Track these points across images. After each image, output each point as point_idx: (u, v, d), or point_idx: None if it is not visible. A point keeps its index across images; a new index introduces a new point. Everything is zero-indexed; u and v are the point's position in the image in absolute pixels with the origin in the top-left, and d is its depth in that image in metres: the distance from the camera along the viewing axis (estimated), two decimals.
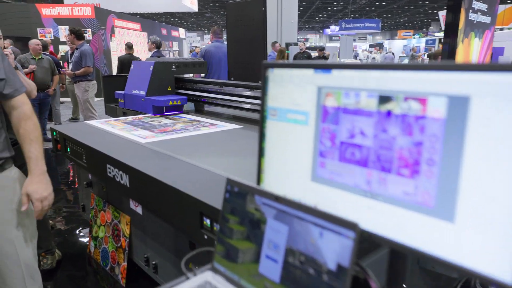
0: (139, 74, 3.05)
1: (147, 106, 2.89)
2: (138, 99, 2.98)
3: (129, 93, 3.11)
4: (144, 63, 3.11)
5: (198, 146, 1.97)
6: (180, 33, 21.11)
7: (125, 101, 3.19)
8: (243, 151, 1.88)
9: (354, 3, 31.31)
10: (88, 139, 2.10)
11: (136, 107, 3.04)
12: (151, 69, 2.95)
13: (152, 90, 2.93)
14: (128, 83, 3.19)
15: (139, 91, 2.97)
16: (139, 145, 1.97)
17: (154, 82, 2.94)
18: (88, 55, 5.18)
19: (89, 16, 11.30)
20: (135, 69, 3.19)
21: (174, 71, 3.12)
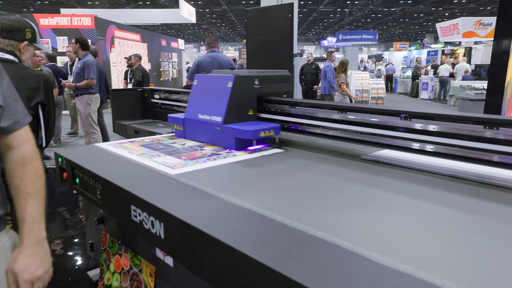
0: (210, 93, 2.26)
1: (225, 137, 2.08)
2: (208, 128, 2.17)
3: (193, 118, 2.29)
4: (216, 77, 2.27)
5: (244, 179, 1.58)
6: (179, 44, 20.85)
7: (185, 129, 2.37)
8: (303, 186, 1.49)
9: (350, 15, 31.41)
10: (103, 169, 1.70)
11: (205, 138, 2.23)
12: (230, 86, 2.14)
13: (231, 115, 2.12)
14: (191, 104, 2.36)
15: (211, 116, 2.17)
16: (169, 178, 1.58)
17: (234, 104, 2.13)
18: (91, 66, 4.81)
19: (89, 26, 10.97)
20: (201, 85, 2.38)
21: (257, 89, 2.28)
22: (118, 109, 3.28)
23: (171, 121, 2.46)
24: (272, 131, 2.07)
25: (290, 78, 2.51)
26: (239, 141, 2.05)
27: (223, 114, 2.10)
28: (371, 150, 1.99)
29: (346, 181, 1.56)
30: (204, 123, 2.20)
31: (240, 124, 2.12)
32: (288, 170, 1.71)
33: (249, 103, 2.24)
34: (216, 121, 2.12)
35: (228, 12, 29.95)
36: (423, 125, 1.68)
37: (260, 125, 2.08)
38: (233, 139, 2.04)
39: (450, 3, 26.20)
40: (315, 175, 1.64)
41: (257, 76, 2.25)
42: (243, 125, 2.09)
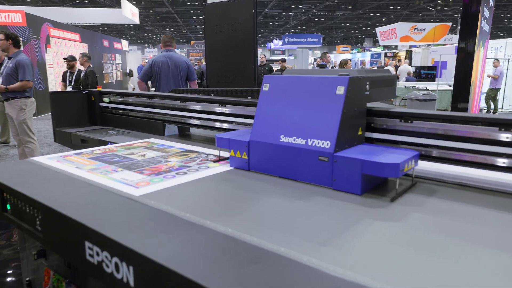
0: (297, 103, 1.54)
1: (339, 173, 1.36)
2: (304, 158, 1.44)
3: (267, 141, 1.55)
4: (311, 79, 1.54)
5: (228, 198, 1.30)
6: (123, 45, 19.85)
7: (251, 158, 1.62)
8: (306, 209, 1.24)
9: (295, 19, 32.08)
10: (44, 192, 1.33)
11: (297, 174, 1.48)
12: (342, 93, 1.43)
13: (344, 138, 1.43)
14: (262, 120, 1.60)
15: (307, 139, 1.44)
16: (133, 201, 1.25)
17: (347, 121, 1.45)
18: (27, 66, 4.22)
19: (20, 23, 9.96)
20: (280, 90, 1.62)
21: (368, 97, 1.60)
22: (59, 114, 2.83)
23: (224, 144, 1.69)
24: (413, 162, 1.39)
25: (394, 81, 1.87)
26: (368, 180, 1.35)
27: (333, 136, 1.38)
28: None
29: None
30: (294, 151, 1.46)
31: (359, 151, 1.41)
32: (270, 188, 1.45)
33: (360, 118, 1.56)
34: (320, 148, 1.39)
35: (173, 14, 29.19)
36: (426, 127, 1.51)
37: (398, 154, 1.37)
38: (358, 177, 1.32)
39: (386, 10, 27.66)
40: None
41: (368, 78, 1.57)
42: (368, 153, 1.38)
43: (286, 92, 1.58)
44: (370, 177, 1.34)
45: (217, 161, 1.77)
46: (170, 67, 4.13)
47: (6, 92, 4.19)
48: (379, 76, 1.69)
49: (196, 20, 33.16)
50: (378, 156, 1.32)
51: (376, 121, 1.63)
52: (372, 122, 1.64)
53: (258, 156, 1.59)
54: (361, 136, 1.58)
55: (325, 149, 1.38)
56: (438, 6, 23.78)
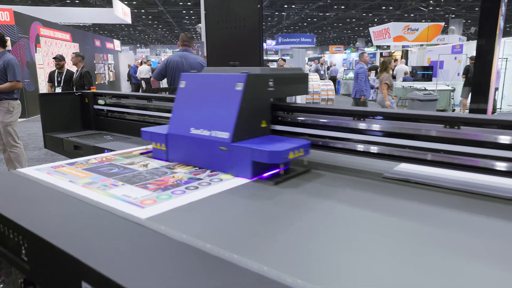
0: (208, 98, 1.67)
1: (235, 161, 1.50)
2: (208, 148, 1.57)
3: (181, 134, 1.67)
4: (217, 77, 1.68)
5: (255, 222, 1.09)
6: (115, 45, 19.52)
7: (169, 149, 1.74)
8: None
9: (287, 19, 31.99)
10: (31, 214, 1.11)
11: (204, 162, 1.61)
12: (240, 89, 1.56)
13: (241, 129, 1.54)
14: (178, 114, 1.74)
15: (212, 131, 1.57)
16: (140, 226, 1.04)
17: (245, 114, 1.56)
18: (16, 66, 4.02)
19: (8, 22, 9.64)
20: (193, 88, 1.75)
21: (272, 92, 1.72)
22: (50, 118, 2.59)
23: (147, 137, 1.82)
24: (302, 151, 1.53)
25: (305, 78, 1.97)
26: (257, 166, 1.47)
27: (231, 128, 1.51)
28: (383, 165, 1.60)
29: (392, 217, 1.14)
30: (201, 142, 1.59)
31: (255, 141, 1.54)
32: (304, 201, 1.25)
33: (262, 112, 1.68)
34: (220, 139, 1.53)
35: (165, 14, 28.91)
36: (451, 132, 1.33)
37: (286, 143, 1.52)
38: (249, 164, 1.45)
39: (379, 10, 27.70)
40: (344, 209, 1.20)
41: (271, 75, 1.70)
42: (261, 142, 1.52)
43: (198, 89, 1.73)
44: (264, 164, 1.46)
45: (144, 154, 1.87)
46: (185, 67, 3.95)
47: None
48: (286, 73, 1.84)
49: (188, 20, 32.90)
50: (266, 145, 1.46)
51: (283, 115, 1.80)
52: (280, 116, 1.80)
53: (175, 148, 1.72)
54: (266, 128, 1.71)
55: (224, 139, 1.52)
56: (430, 6, 23.85)
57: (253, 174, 1.47)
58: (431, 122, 1.42)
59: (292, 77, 1.89)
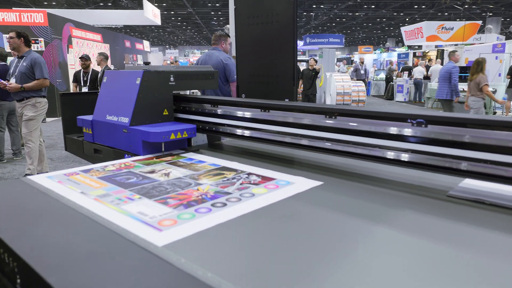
0: (117, 91, 2.02)
1: (132, 141, 1.84)
2: (116, 130, 1.93)
3: (100, 119, 2.04)
4: (125, 73, 2.05)
5: (301, 252, 0.87)
6: (144, 45, 19.77)
7: (94, 133, 2.11)
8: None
9: (316, 19, 31.51)
10: (28, 237, 0.94)
11: (114, 142, 1.98)
12: (138, 82, 1.88)
13: (139, 115, 1.88)
14: (99, 104, 2.10)
15: (118, 117, 1.93)
16: (155, 258, 0.84)
17: (143, 103, 1.89)
18: (43, 64, 4.02)
19: (42, 23, 9.84)
20: (111, 82, 2.12)
21: (173, 86, 2.03)
22: (71, 119, 2.46)
23: (80, 123, 2.20)
24: (186, 133, 1.85)
25: (214, 74, 2.25)
26: (146, 145, 1.81)
27: (130, 114, 1.86)
28: (444, 179, 1.34)
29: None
30: (112, 125, 1.95)
31: (150, 126, 1.88)
32: (357, 227, 1.02)
33: (164, 102, 2.00)
34: (123, 123, 1.88)
35: (194, 15, 29.12)
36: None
37: (172, 126, 1.85)
38: (140, 143, 1.81)
39: (411, 9, 26.78)
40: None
41: (172, 72, 2.01)
42: (153, 126, 1.86)
43: (114, 83, 2.09)
44: (152, 144, 1.81)
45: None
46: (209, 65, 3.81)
47: (21, 91, 3.91)
48: (189, 71, 2.13)
49: (217, 21, 33.04)
50: (154, 128, 1.79)
51: (185, 105, 2.08)
52: (185, 107, 2.08)
53: (97, 131, 2.08)
54: (169, 116, 2.01)
55: (125, 123, 1.86)
56: (466, 4, 22.83)
57: (144, 152, 1.80)
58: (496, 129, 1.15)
59: (197, 73, 2.17)
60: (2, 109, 5.16)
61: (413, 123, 1.32)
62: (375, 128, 1.41)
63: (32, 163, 4.04)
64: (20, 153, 5.57)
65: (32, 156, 4.06)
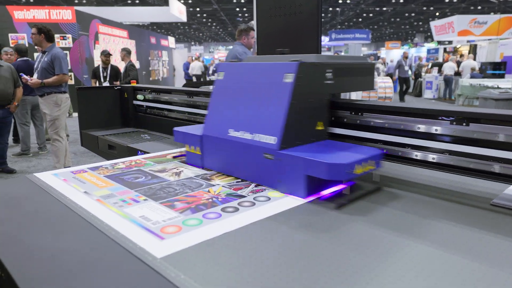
0: (248, 92, 1.35)
1: (285, 174, 1.17)
2: (250, 155, 1.26)
3: (217, 136, 1.37)
4: (260, 66, 1.36)
5: (317, 268, 0.75)
6: (169, 42, 19.92)
7: (205, 154, 1.43)
8: None
9: (342, 15, 30.88)
10: (17, 242, 0.86)
11: (245, 172, 1.30)
12: (290, 80, 1.22)
13: (291, 132, 1.21)
14: (213, 112, 1.43)
15: (254, 134, 1.26)
16: (152, 272, 0.74)
17: (296, 113, 1.23)
18: (63, 59, 3.91)
19: (69, 20, 10.02)
20: (232, 80, 1.43)
21: (329, 86, 1.36)
22: (86, 114, 2.42)
23: (179, 138, 1.54)
24: (372, 163, 1.16)
25: (371, 69, 1.60)
26: (312, 182, 1.13)
27: (279, 131, 1.18)
28: (486, 185, 1.18)
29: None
30: (241, 147, 1.28)
31: (309, 149, 1.20)
32: (380, 240, 0.89)
33: (318, 110, 1.32)
34: (265, 144, 1.21)
35: (219, 11, 29.16)
36: None
37: (351, 152, 1.17)
38: (302, 179, 1.12)
39: (441, 3, 25.79)
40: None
41: (330, 65, 1.34)
42: (317, 151, 1.17)
43: (238, 81, 1.41)
44: (321, 180, 1.11)
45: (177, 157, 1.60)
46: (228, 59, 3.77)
47: (42, 87, 3.91)
48: (348, 63, 1.47)
49: (242, 17, 32.98)
50: (324, 155, 1.13)
51: (346, 115, 1.43)
52: (340, 116, 1.44)
53: (211, 152, 1.42)
54: (322, 131, 1.36)
55: (270, 145, 1.21)
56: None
57: (308, 193, 1.12)
58: None
59: (356, 68, 1.50)
60: (26, 103, 5.23)
61: (451, 121, 1.17)
62: (407, 126, 1.26)
63: (59, 161, 4.03)
64: (45, 147, 5.65)
65: (59, 155, 4.06)
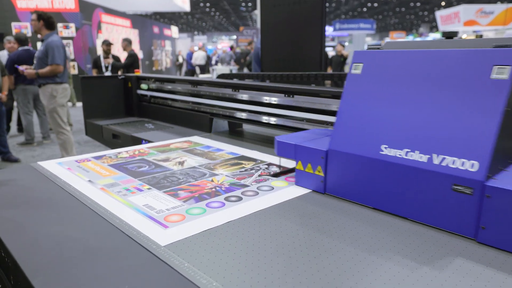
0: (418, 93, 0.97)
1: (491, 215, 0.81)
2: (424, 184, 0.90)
3: (360, 153, 1.01)
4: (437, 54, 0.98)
5: (328, 264, 0.74)
6: (172, 31, 19.81)
7: (328, 175, 1.08)
8: None
9: (346, 4, 30.48)
10: (22, 230, 0.87)
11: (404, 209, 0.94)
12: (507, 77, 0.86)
13: (501, 153, 0.88)
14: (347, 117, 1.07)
15: (433, 154, 0.89)
16: (156, 260, 0.74)
17: (509, 126, 0.88)
18: (56, 48, 3.66)
19: (72, 9, 9.97)
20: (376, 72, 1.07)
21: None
22: (90, 103, 2.42)
23: (285, 151, 1.18)
24: None
25: None
26: None
27: (484, 152, 0.83)
28: None
29: None
30: (407, 172, 0.92)
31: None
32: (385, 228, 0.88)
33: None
34: (456, 172, 0.85)
35: (222, 1, 28.87)
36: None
37: None
38: None
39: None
40: None
41: None
42: None
43: (392, 77, 1.03)
44: None
45: (278, 175, 1.24)
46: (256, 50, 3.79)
47: (38, 77, 3.81)
48: None
49: (245, 7, 32.66)
50: None
51: None
52: None
53: (341, 175, 1.05)
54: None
55: (467, 173, 0.83)
56: None
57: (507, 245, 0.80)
58: None
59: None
60: (27, 93, 5.22)
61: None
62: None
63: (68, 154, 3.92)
64: (49, 136, 5.67)
65: (67, 147, 3.94)
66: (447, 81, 0.94)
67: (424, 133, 0.92)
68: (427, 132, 0.91)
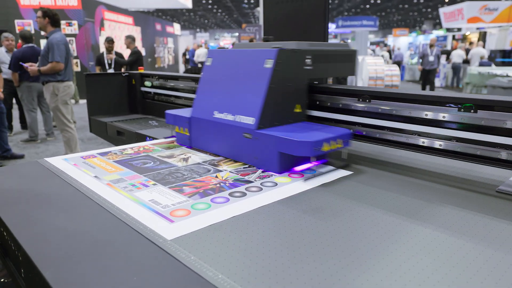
0: (232, 77, 1.46)
1: (261, 151, 1.28)
2: (232, 134, 1.37)
3: (204, 117, 1.48)
4: (244, 53, 1.45)
5: (326, 250, 0.76)
6: (175, 29, 19.82)
7: (192, 135, 1.55)
8: None
9: (349, 1, 30.37)
10: (32, 223, 0.89)
11: (227, 150, 1.42)
12: (270, 66, 1.33)
13: (269, 114, 1.33)
14: (202, 96, 1.54)
15: (235, 115, 1.37)
16: (163, 253, 0.76)
17: (274, 97, 1.34)
18: (57, 46, 3.67)
19: (75, 6, 9.99)
20: (218, 66, 1.54)
21: (309, 72, 1.47)
22: (95, 100, 2.44)
23: (170, 120, 1.66)
24: (340, 142, 1.27)
25: (352, 56, 1.69)
26: (284, 158, 1.25)
27: (257, 112, 1.31)
28: (494, 172, 1.19)
29: None
30: (224, 127, 1.40)
31: (284, 129, 1.32)
32: (391, 224, 0.90)
33: (297, 94, 1.44)
34: (244, 124, 1.33)
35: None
36: None
37: (321, 131, 1.29)
38: (275, 156, 1.24)
39: None
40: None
41: (310, 51, 1.45)
42: (291, 130, 1.30)
43: (224, 67, 1.52)
44: (292, 157, 1.26)
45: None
46: None
47: (41, 75, 3.83)
48: (328, 50, 1.56)
49: (247, 4, 32.61)
50: (295, 134, 1.24)
51: (322, 99, 1.53)
52: (319, 100, 1.53)
53: (198, 133, 1.54)
54: (300, 114, 1.47)
55: (249, 125, 1.32)
56: None
57: (281, 168, 1.25)
58: None
59: (336, 54, 1.61)
60: (32, 90, 5.26)
61: (459, 108, 1.17)
62: (413, 113, 1.27)
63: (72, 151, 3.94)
64: (53, 133, 5.71)
65: (71, 144, 3.97)
66: (247, 69, 1.40)
67: (232, 102, 1.40)
68: (234, 101, 1.40)
